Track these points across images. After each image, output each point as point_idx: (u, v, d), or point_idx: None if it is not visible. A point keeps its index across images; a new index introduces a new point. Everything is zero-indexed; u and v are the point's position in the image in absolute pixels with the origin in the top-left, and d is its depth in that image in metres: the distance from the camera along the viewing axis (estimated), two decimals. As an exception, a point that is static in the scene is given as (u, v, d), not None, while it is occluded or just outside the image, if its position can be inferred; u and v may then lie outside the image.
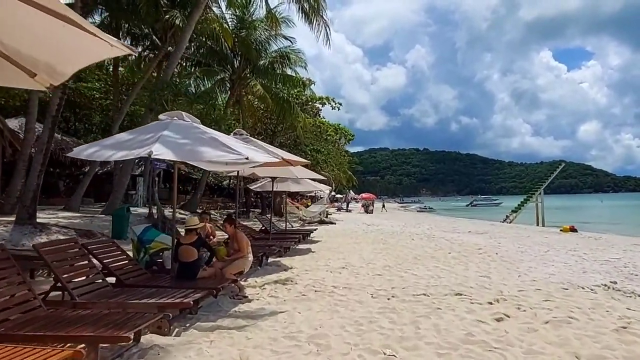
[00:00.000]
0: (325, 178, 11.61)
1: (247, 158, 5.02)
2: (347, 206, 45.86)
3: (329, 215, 27.36)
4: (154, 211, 13.40)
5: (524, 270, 8.32)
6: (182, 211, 22.06)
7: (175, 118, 5.71)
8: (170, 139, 5.06)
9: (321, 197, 27.28)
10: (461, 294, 5.75)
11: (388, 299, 5.56)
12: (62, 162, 21.40)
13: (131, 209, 15.88)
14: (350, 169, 53.29)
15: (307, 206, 25.68)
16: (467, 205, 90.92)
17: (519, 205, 32.44)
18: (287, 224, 20.58)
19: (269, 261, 9.01)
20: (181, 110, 6.47)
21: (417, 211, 61.75)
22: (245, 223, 18.68)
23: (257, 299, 5.65)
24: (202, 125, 5.79)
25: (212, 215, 20.44)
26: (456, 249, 11.24)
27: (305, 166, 9.78)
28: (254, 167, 7.86)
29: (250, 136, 8.50)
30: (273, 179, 11.30)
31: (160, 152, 4.70)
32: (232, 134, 8.00)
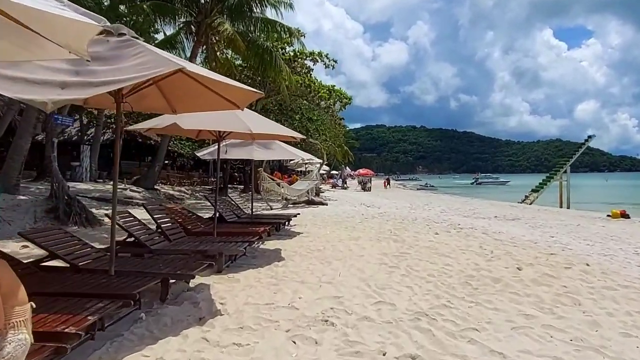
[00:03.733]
0: (303, 136, 7.15)
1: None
2: (343, 183, 41.88)
3: (320, 194, 23.10)
4: (55, 188, 9.01)
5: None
6: (134, 187, 17.72)
7: None
8: None
9: (310, 171, 22.87)
10: None
11: None
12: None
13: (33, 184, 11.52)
14: (347, 144, 48.68)
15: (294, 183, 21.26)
16: (472, 184, 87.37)
17: (540, 184, 28.13)
18: (266, 204, 16.37)
19: (190, 286, 4.78)
20: None
21: (417, 189, 57.76)
22: (205, 204, 14.44)
23: None
24: None
25: (179, 196, 15.84)
26: (520, 257, 6.83)
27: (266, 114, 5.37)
28: (138, 88, 3.49)
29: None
30: (219, 137, 6.90)
31: None
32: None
